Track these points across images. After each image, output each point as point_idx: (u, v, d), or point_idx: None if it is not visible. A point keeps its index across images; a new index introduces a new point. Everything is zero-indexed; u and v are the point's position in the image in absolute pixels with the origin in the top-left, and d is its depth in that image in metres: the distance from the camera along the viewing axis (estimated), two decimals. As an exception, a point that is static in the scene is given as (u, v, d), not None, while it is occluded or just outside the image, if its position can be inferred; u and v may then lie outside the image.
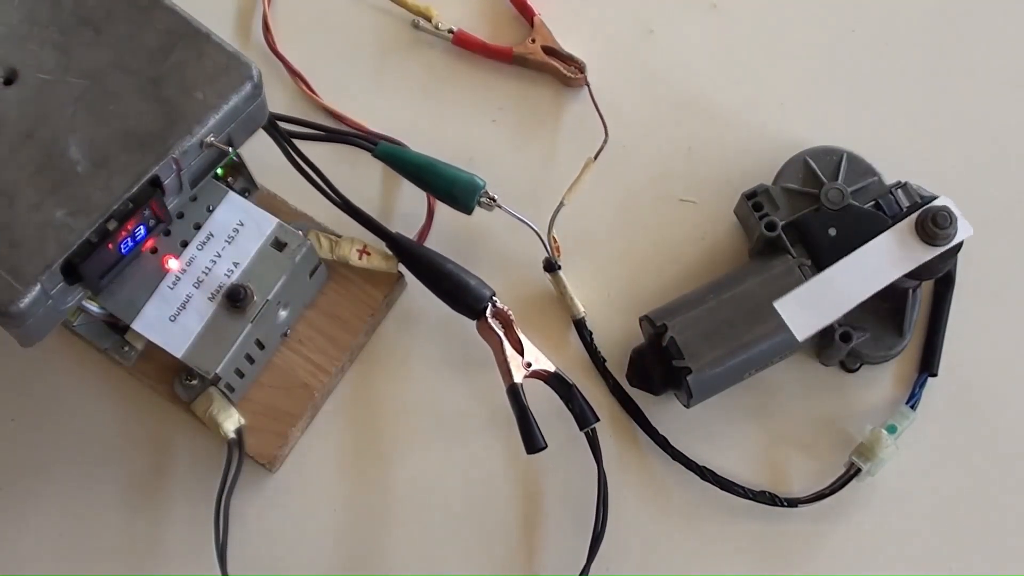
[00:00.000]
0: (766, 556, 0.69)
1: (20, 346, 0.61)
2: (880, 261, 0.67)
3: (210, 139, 0.62)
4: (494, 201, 0.71)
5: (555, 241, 0.72)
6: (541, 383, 0.67)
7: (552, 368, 0.67)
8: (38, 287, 0.58)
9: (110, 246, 0.61)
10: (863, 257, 0.67)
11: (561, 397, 0.67)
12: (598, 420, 0.67)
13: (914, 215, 0.67)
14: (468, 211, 0.71)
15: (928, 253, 0.67)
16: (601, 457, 0.67)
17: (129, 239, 0.62)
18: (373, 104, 0.77)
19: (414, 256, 0.70)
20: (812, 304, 0.67)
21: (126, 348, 0.68)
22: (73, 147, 0.60)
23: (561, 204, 0.71)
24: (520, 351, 0.67)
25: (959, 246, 0.67)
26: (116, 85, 0.62)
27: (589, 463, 0.68)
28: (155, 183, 0.61)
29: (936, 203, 0.67)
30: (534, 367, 0.67)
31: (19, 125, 0.61)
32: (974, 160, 0.76)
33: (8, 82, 0.62)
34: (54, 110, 0.61)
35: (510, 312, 0.67)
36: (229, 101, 0.62)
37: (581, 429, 0.67)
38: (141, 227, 0.62)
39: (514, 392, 0.65)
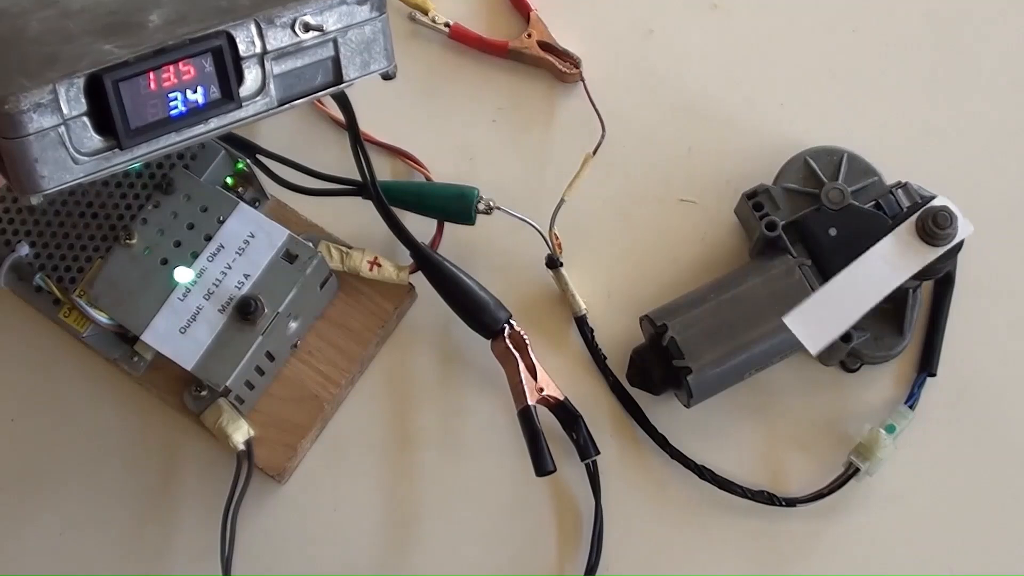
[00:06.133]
0: (764, 555, 0.69)
1: (20, 193, 0.51)
2: (885, 266, 0.66)
3: (307, 17, 0.54)
4: (492, 205, 0.72)
5: (556, 238, 0.72)
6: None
7: (561, 396, 0.68)
8: (49, 88, 0.49)
9: (152, 84, 0.51)
10: (867, 263, 0.67)
11: (564, 427, 0.68)
12: (599, 453, 0.68)
13: (914, 215, 0.66)
14: (470, 222, 0.72)
15: (931, 254, 0.66)
16: (599, 491, 0.69)
17: (179, 93, 0.52)
18: (375, 106, 0.76)
19: (437, 270, 0.69)
20: (821, 316, 0.66)
21: (135, 359, 0.68)
22: (153, 14, 0.54)
23: (562, 201, 0.71)
24: (533, 375, 0.67)
25: (960, 245, 0.67)
26: None
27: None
28: (228, 39, 0.53)
29: (936, 203, 0.66)
30: (544, 393, 0.67)
31: (109, 7, 0.55)
32: (974, 160, 0.76)
33: None
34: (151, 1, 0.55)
35: (526, 336, 0.68)
36: None
37: (582, 460, 0.68)
38: (199, 89, 0.53)
39: (527, 415, 0.66)
